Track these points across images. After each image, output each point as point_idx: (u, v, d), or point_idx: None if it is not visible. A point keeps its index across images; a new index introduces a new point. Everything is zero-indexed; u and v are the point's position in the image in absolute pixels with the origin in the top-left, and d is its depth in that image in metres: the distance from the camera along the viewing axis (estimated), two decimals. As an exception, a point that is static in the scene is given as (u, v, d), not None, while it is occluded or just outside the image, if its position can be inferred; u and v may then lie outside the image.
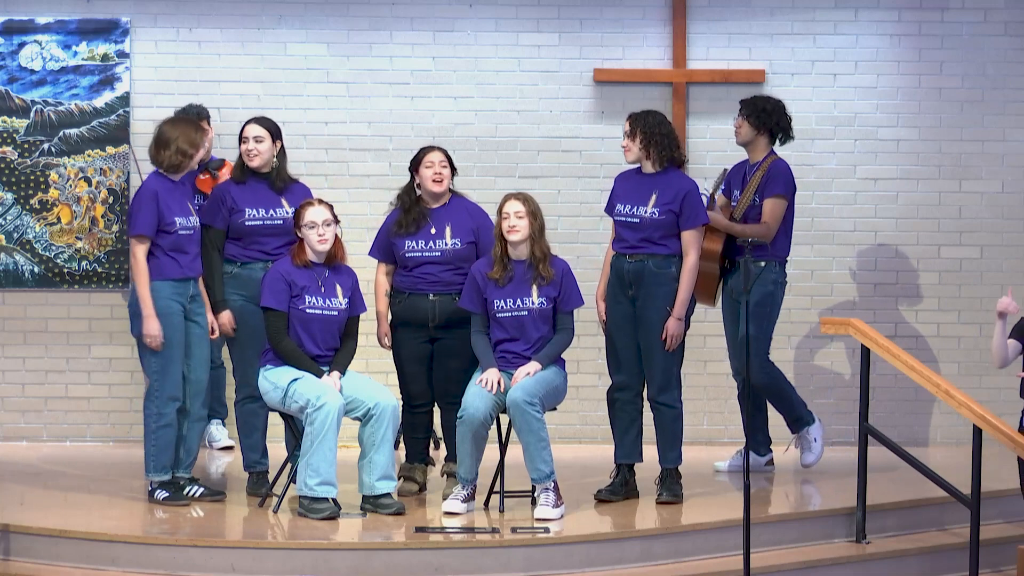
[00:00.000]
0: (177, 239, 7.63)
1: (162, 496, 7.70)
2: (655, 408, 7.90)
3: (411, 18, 9.85)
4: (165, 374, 7.64)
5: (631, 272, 7.85)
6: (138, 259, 7.58)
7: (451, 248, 7.96)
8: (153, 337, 7.57)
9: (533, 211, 7.65)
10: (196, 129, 7.76)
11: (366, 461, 7.54)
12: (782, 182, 8.48)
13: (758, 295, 8.40)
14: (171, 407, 7.67)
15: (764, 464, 8.71)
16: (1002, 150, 9.96)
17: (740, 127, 8.60)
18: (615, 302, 7.91)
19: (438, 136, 9.55)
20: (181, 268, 7.65)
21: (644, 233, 7.83)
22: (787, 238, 8.56)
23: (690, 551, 7.33)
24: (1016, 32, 9.93)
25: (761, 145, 8.58)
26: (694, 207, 7.84)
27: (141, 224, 7.58)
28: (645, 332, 7.84)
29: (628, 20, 9.88)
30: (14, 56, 9.71)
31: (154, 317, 7.55)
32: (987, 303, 9.97)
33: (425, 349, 8.03)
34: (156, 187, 7.64)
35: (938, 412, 9.77)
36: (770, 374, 8.54)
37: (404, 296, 8.02)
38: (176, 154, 7.66)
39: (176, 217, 7.62)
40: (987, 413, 7.02)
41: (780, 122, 8.57)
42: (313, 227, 7.60)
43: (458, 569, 6.98)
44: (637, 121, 7.88)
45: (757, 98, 8.62)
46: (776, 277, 8.51)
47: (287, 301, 7.58)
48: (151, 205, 7.59)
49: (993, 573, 7.59)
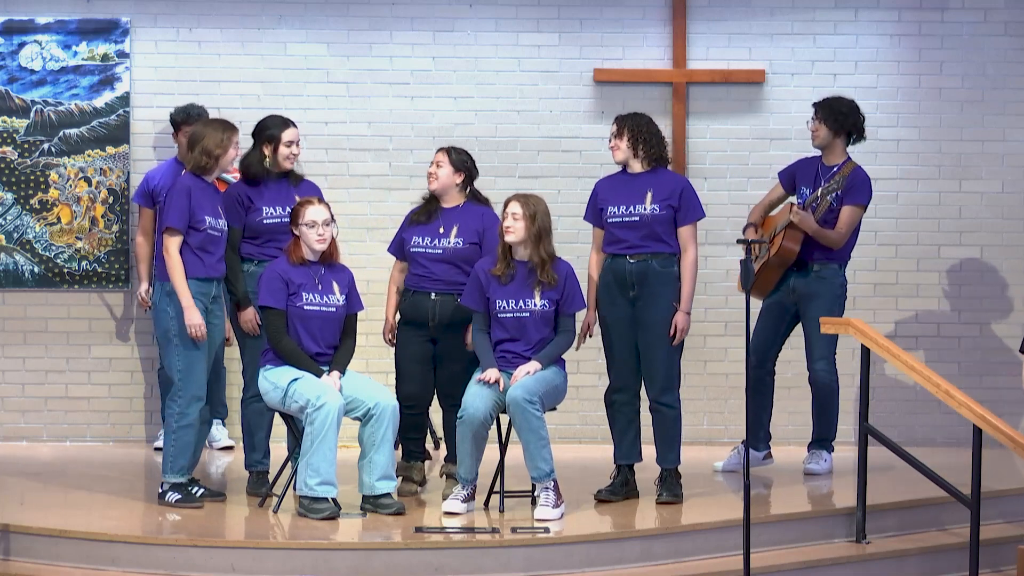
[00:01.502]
0: (206, 238, 7.61)
1: (174, 499, 7.65)
2: (655, 409, 7.90)
3: (411, 18, 9.85)
4: (190, 373, 7.60)
5: (634, 272, 7.84)
6: (171, 252, 7.54)
7: (452, 247, 7.97)
8: (196, 326, 7.52)
9: (532, 214, 7.63)
10: (224, 130, 7.70)
11: (366, 461, 7.54)
12: (865, 192, 8.53)
13: (828, 300, 8.51)
14: (195, 407, 7.63)
15: (762, 459, 8.71)
16: (1002, 150, 9.96)
17: (817, 131, 8.61)
18: (612, 304, 7.90)
19: (438, 136, 9.55)
20: (206, 267, 7.63)
21: (647, 230, 7.83)
22: (852, 243, 8.65)
23: (690, 551, 7.32)
24: (1016, 32, 9.94)
25: (839, 147, 8.61)
26: (692, 202, 7.86)
27: (173, 218, 7.55)
28: (646, 332, 7.84)
29: (628, 20, 9.88)
30: (14, 56, 9.71)
31: (194, 307, 7.51)
32: (987, 303, 9.98)
33: (426, 349, 8.03)
34: (190, 184, 7.63)
35: (938, 412, 9.77)
36: (833, 380, 8.63)
37: (409, 294, 8.04)
38: (201, 155, 7.65)
39: (206, 216, 7.60)
40: (987, 413, 7.02)
41: (856, 122, 8.62)
42: (313, 226, 7.60)
43: (458, 569, 6.98)
44: (624, 122, 7.92)
45: (832, 100, 8.63)
46: (843, 282, 8.61)
47: (285, 299, 7.58)
48: (183, 200, 7.56)
49: (993, 573, 7.58)
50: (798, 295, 8.59)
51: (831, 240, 8.47)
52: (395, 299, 8.13)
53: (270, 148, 7.99)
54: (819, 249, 8.52)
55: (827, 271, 8.55)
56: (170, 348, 7.63)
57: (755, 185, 9.73)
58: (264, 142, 8.01)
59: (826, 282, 8.54)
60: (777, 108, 9.88)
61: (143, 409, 9.74)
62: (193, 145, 7.69)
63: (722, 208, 9.76)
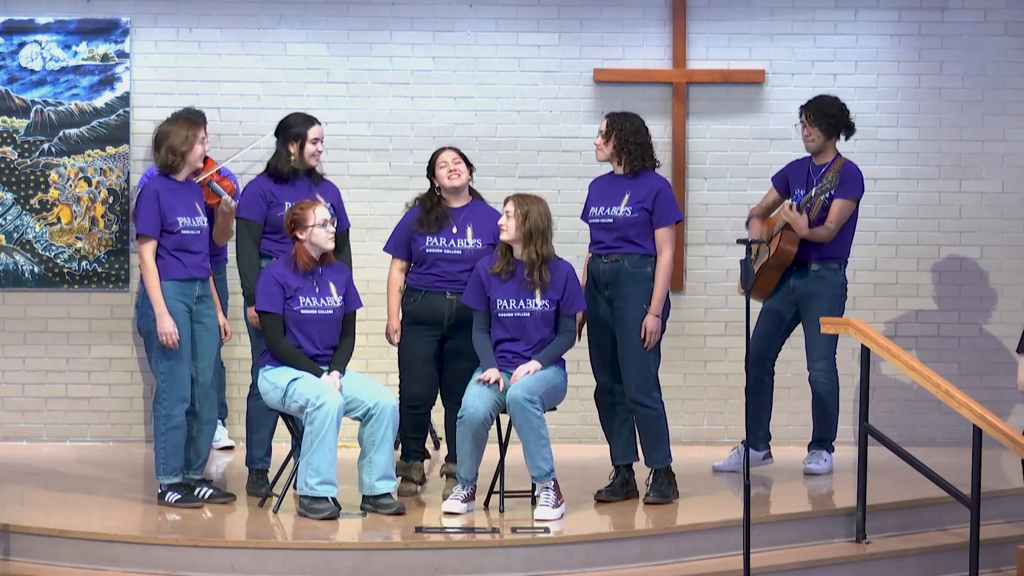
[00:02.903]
0: (181, 239, 7.60)
1: (174, 499, 7.66)
2: (634, 409, 7.87)
3: (411, 18, 9.85)
4: (173, 375, 7.61)
5: (606, 272, 7.85)
6: (144, 259, 7.55)
7: (472, 248, 7.96)
8: (168, 335, 7.53)
9: (524, 213, 7.62)
10: (189, 127, 7.67)
11: (366, 461, 7.54)
12: (855, 185, 8.54)
13: (828, 300, 8.51)
14: (180, 408, 7.63)
15: (762, 459, 8.71)
16: (1002, 150, 9.96)
17: (811, 136, 8.58)
18: (593, 304, 7.90)
19: (438, 136, 9.55)
20: (185, 268, 7.62)
21: (619, 233, 7.82)
22: (849, 240, 8.62)
23: (690, 551, 7.33)
24: (1016, 32, 9.94)
25: (831, 148, 8.64)
26: (667, 204, 7.83)
27: (143, 224, 7.56)
28: (621, 333, 7.83)
29: (628, 20, 9.88)
30: (14, 56, 9.70)
31: (167, 315, 7.51)
32: (987, 303, 9.97)
33: (434, 348, 8.02)
34: (157, 187, 7.62)
35: (938, 412, 9.76)
36: (833, 380, 8.61)
37: (420, 294, 8.01)
38: (167, 153, 7.63)
39: (179, 217, 7.59)
40: (987, 413, 7.02)
41: (845, 120, 8.63)
42: (324, 225, 7.59)
43: (458, 569, 6.98)
44: (614, 124, 7.87)
45: (820, 103, 8.58)
46: (843, 280, 8.61)
47: (281, 303, 7.57)
48: (151, 205, 7.56)
49: (993, 573, 7.58)
50: (798, 295, 8.59)
51: (821, 236, 8.47)
52: (397, 299, 8.11)
53: (296, 146, 7.97)
54: (817, 249, 8.53)
55: (826, 271, 8.55)
56: (153, 350, 7.65)
57: (755, 185, 9.72)
58: (290, 140, 7.98)
59: (826, 282, 8.55)
60: (777, 108, 9.87)
61: (143, 409, 9.73)
62: (159, 144, 7.67)
63: (722, 208, 9.76)
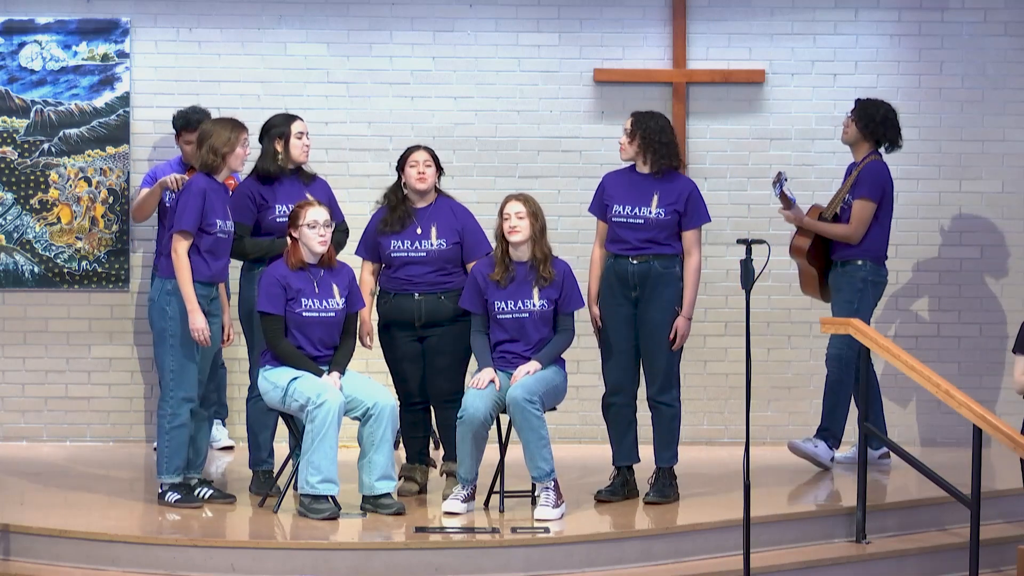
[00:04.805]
0: (215, 242, 7.57)
1: (174, 499, 7.64)
2: (654, 407, 7.90)
3: (411, 18, 9.85)
4: (182, 374, 7.59)
5: (636, 274, 7.84)
6: (179, 254, 7.49)
7: (436, 249, 7.95)
8: (200, 330, 7.49)
9: (534, 212, 7.65)
10: (233, 129, 7.64)
11: (366, 461, 7.53)
12: (871, 185, 8.62)
13: (848, 292, 8.64)
14: (185, 407, 7.61)
15: (878, 458, 8.77)
16: (1002, 150, 9.96)
17: (848, 127, 8.77)
18: (614, 304, 7.89)
19: (438, 136, 9.56)
20: (210, 271, 7.59)
21: (649, 234, 7.82)
22: (880, 238, 8.71)
23: (690, 551, 7.33)
24: (1016, 32, 9.94)
25: (863, 148, 8.76)
26: (698, 207, 7.86)
27: (186, 220, 7.49)
28: (648, 333, 7.83)
29: (628, 20, 9.88)
30: (14, 56, 9.71)
31: (199, 312, 7.48)
32: (987, 303, 9.97)
33: (416, 348, 8.02)
34: (204, 186, 7.58)
35: (938, 412, 9.77)
36: (841, 369, 8.68)
37: (390, 297, 8.01)
38: (208, 153, 7.61)
39: (217, 219, 7.57)
40: (987, 413, 7.02)
41: (888, 133, 8.77)
42: (314, 227, 7.58)
43: (458, 569, 6.98)
44: (639, 123, 7.86)
45: (871, 104, 8.75)
46: (866, 275, 8.67)
47: (283, 305, 7.56)
48: (198, 202, 7.51)
49: (993, 573, 7.58)
50: (831, 289, 8.79)
51: (839, 235, 8.67)
52: (370, 301, 8.11)
53: (282, 143, 7.97)
54: (839, 247, 8.71)
55: (849, 266, 8.71)
56: (164, 347, 7.61)
57: (755, 185, 9.73)
58: (275, 139, 7.98)
59: (847, 276, 8.70)
60: (777, 108, 9.88)
61: (143, 409, 9.73)
62: (201, 143, 7.67)
63: (722, 208, 9.76)
